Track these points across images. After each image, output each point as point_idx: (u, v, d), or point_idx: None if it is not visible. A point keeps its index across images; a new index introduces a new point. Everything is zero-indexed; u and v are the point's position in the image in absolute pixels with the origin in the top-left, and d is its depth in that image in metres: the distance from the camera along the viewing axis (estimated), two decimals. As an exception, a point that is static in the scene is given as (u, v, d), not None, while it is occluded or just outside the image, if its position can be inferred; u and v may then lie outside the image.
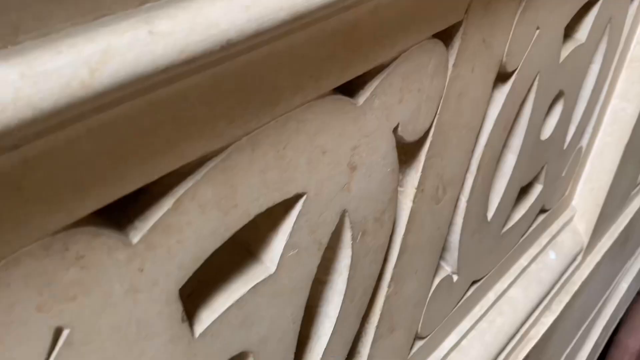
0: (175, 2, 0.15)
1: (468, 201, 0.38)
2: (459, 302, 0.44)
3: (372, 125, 0.26)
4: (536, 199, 0.50)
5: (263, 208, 0.21)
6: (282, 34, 0.18)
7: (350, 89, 0.25)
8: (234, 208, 0.20)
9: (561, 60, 0.41)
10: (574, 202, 0.60)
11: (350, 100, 0.24)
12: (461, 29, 0.28)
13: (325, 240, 0.26)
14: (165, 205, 0.18)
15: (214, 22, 0.15)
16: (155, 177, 0.17)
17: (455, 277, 0.42)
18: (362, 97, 0.25)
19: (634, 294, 0.97)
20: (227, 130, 0.19)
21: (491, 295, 0.49)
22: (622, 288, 0.87)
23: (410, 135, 0.29)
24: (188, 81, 0.16)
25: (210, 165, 0.19)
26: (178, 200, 0.18)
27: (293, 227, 0.24)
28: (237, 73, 0.18)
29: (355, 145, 0.25)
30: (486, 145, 0.37)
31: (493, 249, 0.46)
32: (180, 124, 0.17)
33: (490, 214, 0.43)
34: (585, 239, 0.60)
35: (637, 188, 0.73)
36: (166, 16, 0.15)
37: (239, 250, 0.24)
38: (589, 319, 0.73)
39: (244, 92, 0.19)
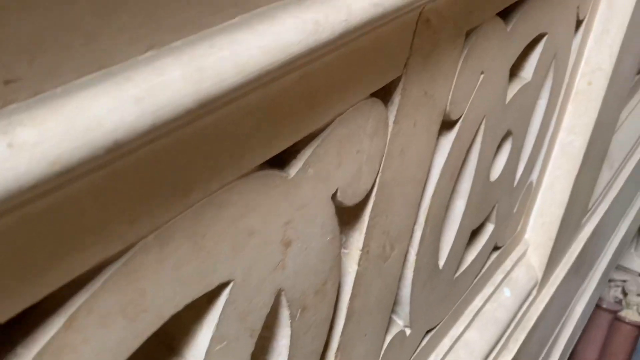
0: (47, 101, 0.12)
1: (418, 253, 0.36)
2: (413, 354, 0.42)
3: (308, 196, 0.23)
4: (488, 239, 0.48)
5: (180, 307, 0.19)
6: (187, 122, 0.15)
7: (281, 158, 0.22)
8: (143, 313, 0.18)
9: (507, 100, 0.40)
10: (526, 236, 0.58)
11: (280, 173, 0.22)
12: (400, 84, 0.26)
13: (258, 326, 0.23)
14: (56, 324, 0.15)
15: (96, 122, 0.13)
16: (38, 297, 0.14)
17: (408, 331, 0.40)
18: (294, 168, 0.22)
19: (588, 317, 0.97)
20: (129, 231, 0.16)
21: (447, 342, 0.47)
22: (576, 313, 0.86)
23: (350, 199, 0.26)
24: (72, 187, 0.14)
25: (110, 270, 0.16)
26: (71, 317, 0.16)
27: (219, 318, 0.21)
28: (136, 167, 0.15)
29: (289, 219, 0.23)
30: (433, 195, 0.35)
31: (446, 295, 0.44)
32: (67, 234, 0.14)
33: (441, 262, 0.41)
34: (539, 273, 0.59)
35: (588, 214, 0.72)
36: (32, 121, 0.12)
37: (159, 346, 0.21)
38: (545, 350, 0.72)
39: (148, 186, 0.16)
